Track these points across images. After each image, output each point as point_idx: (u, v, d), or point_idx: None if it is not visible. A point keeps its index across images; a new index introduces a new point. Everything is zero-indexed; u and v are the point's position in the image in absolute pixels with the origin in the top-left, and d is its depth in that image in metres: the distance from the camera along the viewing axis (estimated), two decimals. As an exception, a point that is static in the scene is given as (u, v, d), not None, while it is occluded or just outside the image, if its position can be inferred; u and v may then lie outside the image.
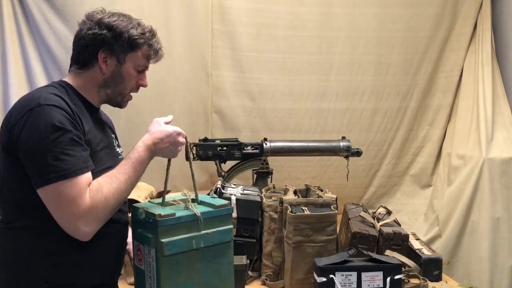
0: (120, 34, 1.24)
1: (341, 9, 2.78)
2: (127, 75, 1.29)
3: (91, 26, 1.25)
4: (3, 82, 2.45)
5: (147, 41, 1.29)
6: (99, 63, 1.25)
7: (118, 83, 1.29)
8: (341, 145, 2.40)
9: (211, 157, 2.28)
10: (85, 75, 1.27)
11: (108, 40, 1.24)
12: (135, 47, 1.27)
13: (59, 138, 1.09)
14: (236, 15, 2.68)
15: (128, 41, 1.25)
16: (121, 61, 1.27)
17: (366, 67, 2.86)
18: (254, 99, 2.78)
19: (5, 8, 2.40)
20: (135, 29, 1.26)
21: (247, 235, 1.91)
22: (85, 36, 1.24)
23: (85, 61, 1.26)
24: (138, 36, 1.26)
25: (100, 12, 1.27)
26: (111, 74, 1.27)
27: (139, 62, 1.30)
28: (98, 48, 1.24)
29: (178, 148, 1.28)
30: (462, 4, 2.86)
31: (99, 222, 1.14)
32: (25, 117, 1.11)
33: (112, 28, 1.24)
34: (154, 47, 1.31)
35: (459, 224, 2.60)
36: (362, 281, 1.64)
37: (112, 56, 1.26)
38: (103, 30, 1.24)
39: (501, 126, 2.65)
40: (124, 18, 1.27)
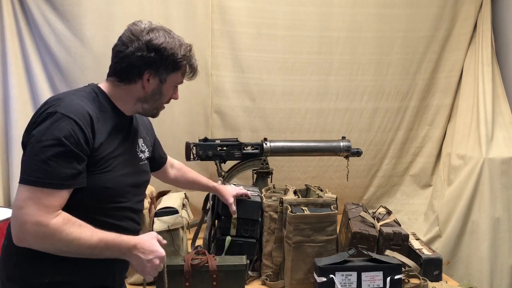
0: (167, 57, 1.27)
1: (341, 9, 2.78)
2: (166, 92, 1.34)
3: (139, 46, 1.25)
4: (3, 82, 2.45)
5: (188, 62, 1.34)
6: (143, 82, 1.28)
7: (157, 100, 1.33)
8: (341, 145, 2.40)
9: (211, 157, 2.28)
10: (125, 88, 1.29)
11: (155, 62, 1.26)
12: (178, 68, 1.31)
13: (55, 149, 1.11)
14: (236, 15, 2.68)
15: (173, 63, 1.29)
16: (163, 81, 1.31)
17: (366, 67, 2.86)
18: (254, 99, 2.78)
19: (5, 8, 2.40)
20: (179, 50, 1.29)
21: (247, 235, 1.91)
22: (132, 56, 1.25)
23: (129, 78, 1.28)
24: (182, 58, 1.30)
25: (147, 31, 1.26)
26: (151, 92, 1.31)
27: (178, 81, 1.36)
28: (144, 69, 1.27)
29: (150, 269, 1.24)
30: (462, 4, 2.86)
31: (38, 244, 1.11)
32: (40, 118, 1.14)
33: (160, 51, 1.26)
34: (194, 66, 1.36)
35: (459, 224, 2.60)
36: (362, 281, 1.64)
37: (156, 76, 1.29)
38: (151, 52, 1.25)
39: (501, 126, 2.65)
40: (170, 39, 1.29)
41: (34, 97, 2.50)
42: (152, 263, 1.23)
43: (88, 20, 2.48)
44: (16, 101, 2.45)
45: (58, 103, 1.16)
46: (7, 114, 2.46)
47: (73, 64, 2.49)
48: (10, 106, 2.45)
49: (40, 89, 2.48)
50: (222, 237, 1.88)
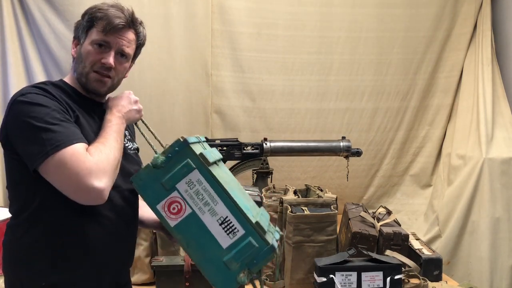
0: (83, 16, 1.25)
1: (341, 9, 2.78)
2: (84, 52, 1.24)
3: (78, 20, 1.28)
4: (3, 82, 2.45)
5: (95, 13, 1.23)
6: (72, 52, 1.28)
7: (79, 63, 1.25)
8: (341, 145, 2.40)
9: (211, 157, 2.28)
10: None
11: (78, 26, 1.26)
12: (91, 24, 1.23)
13: (46, 115, 1.10)
14: (236, 15, 2.68)
15: (87, 19, 1.24)
16: (82, 41, 1.25)
17: (366, 67, 2.86)
18: (254, 99, 2.78)
19: (5, 8, 2.40)
20: (90, 9, 1.25)
21: (247, 235, 1.91)
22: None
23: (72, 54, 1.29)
24: (95, 10, 1.23)
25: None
26: (76, 57, 1.27)
27: (93, 37, 1.23)
28: (74, 38, 1.28)
29: (139, 105, 1.31)
30: (462, 4, 2.86)
31: (109, 176, 1.10)
32: (11, 111, 1.13)
33: (85, 15, 1.25)
34: (110, 18, 1.23)
35: (459, 224, 2.60)
36: (362, 281, 1.64)
37: (78, 40, 1.27)
38: (81, 20, 1.27)
39: (501, 126, 2.65)
40: (104, 5, 1.25)
41: (34, 97, 2.49)
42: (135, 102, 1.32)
43: (88, 20, 2.48)
44: (16, 101, 2.45)
45: (20, 91, 1.16)
46: (7, 114, 2.46)
47: (73, 64, 2.49)
48: (10, 106, 2.45)
49: (40, 89, 2.48)
50: (222, 237, 1.88)
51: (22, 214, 1.18)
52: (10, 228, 1.22)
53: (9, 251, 1.21)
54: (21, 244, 1.18)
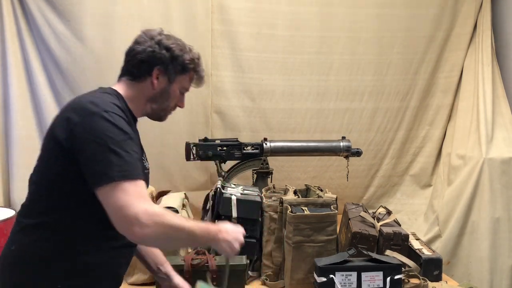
0: (176, 57, 1.34)
1: (341, 9, 2.78)
2: (173, 94, 1.38)
3: (151, 44, 1.33)
4: (3, 82, 2.45)
5: (196, 67, 1.40)
6: (152, 78, 1.33)
7: (164, 100, 1.37)
8: (341, 145, 2.40)
9: (211, 157, 2.28)
10: (137, 87, 1.34)
11: (165, 60, 1.33)
12: (185, 71, 1.37)
13: (124, 141, 1.15)
14: (236, 15, 2.68)
15: (182, 64, 1.35)
16: (171, 81, 1.36)
17: (366, 67, 2.86)
18: (254, 99, 2.78)
19: (5, 8, 2.40)
20: (188, 55, 1.36)
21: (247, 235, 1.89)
22: (144, 52, 1.32)
23: (139, 74, 1.33)
24: (190, 61, 1.37)
25: (159, 34, 1.36)
26: (160, 91, 1.35)
27: (184, 84, 1.40)
28: (154, 65, 1.33)
29: (237, 245, 1.31)
30: (462, 4, 2.86)
31: (156, 231, 1.11)
32: (88, 120, 1.15)
33: (170, 50, 1.34)
34: (200, 74, 1.42)
35: (459, 224, 2.60)
36: (362, 281, 1.64)
37: (165, 74, 1.34)
38: (162, 50, 1.33)
39: (501, 126, 2.65)
40: (180, 43, 1.38)
41: (34, 97, 2.50)
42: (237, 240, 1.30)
43: (88, 20, 2.48)
44: (16, 101, 2.45)
45: (99, 103, 1.18)
46: (7, 114, 2.46)
47: (73, 64, 2.49)
48: (10, 106, 2.45)
49: (40, 89, 2.48)
50: (222, 237, 1.88)
51: (49, 215, 1.19)
52: (27, 228, 1.21)
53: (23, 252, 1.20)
54: (41, 247, 1.18)
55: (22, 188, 2.45)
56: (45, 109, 2.49)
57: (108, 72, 2.53)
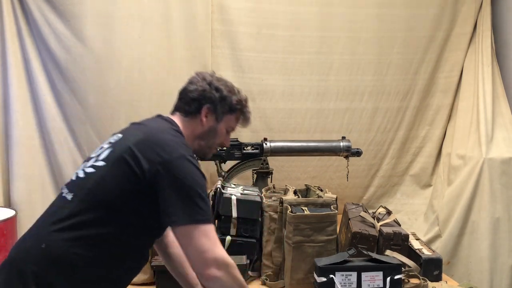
0: (225, 97, 1.44)
1: (341, 9, 2.78)
2: (220, 132, 1.47)
3: (203, 84, 1.43)
4: (3, 82, 2.45)
5: (243, 109, 1.49)
6: (201, 116, 1.42)
7: (211, 138, 1.46)
8: (341, 145, 2.40)
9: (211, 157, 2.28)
10: (189, 124, 1.43)
11: (214, 99, 1.42)
12: (232, 111, 1.46)
13: (204, 185, 1.25)
14: (236, 15, 2.68)
15: (230, 104, 1.44)
16: (219, 120, 1.45)
17: (366, 67, 2.86)
18: (254, 99, 2.78)
19: (5, 8, 2.40)
20: (236, 96, 1.46)
21: (247, 235, 1.91)
22: (196, 91, 1.42)
23: (190, 111, 1.42)
24: (237, 103, 1.46)
25: (211, 76, 1.47)
26: (208, 128, 1.44)
27: (231, 124, 1.49)
28: (203, 103, 1.42)
29: None
30: (462, 4, 2.86)
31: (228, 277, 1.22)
32: (178, 162, 1.23)
33: (220, 90, 1.43)
34: (247, 115, 1.52)
35: (459, 224, 2.60)
36: (362, 281, 1.64)
37: (213, 113, 1.43)
38: (212, 90, 1.42)
39: (501, 126, 2.65)
40: (229, 84, 1.47)
41: (34, 97, 2.49)
42: None
43: (88, 20, 2.48)
44: (16, 101, 2.45)
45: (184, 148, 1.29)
46: (7, 114, 2.46)
47: (73, 64, 2.49)
48: (10, 106, 2.44)
49: (40, 89, 2.48)
50: (222, 237, 1.88)
51: (93, 228, 1.22)
52: (79, 240, 1.21)
53: (75, 266, 1.20)
54: (75, 252, 1.20)
55: (22, 188, 2.46)
56: (45, 109, 2.49)
57: (108, 72, 2.55)
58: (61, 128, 2.53)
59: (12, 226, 2.18)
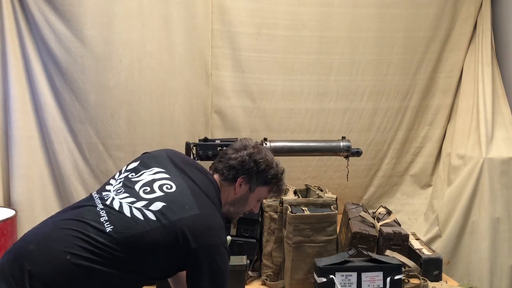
0: (262, 171, 1.48)
1: (341, 9, 2.78)
2: (251, 202, 1.52)
3: (243, 155, 1.48)
4: (3, 82, 2.45)
5: (277, 182, 1.53)
6: (236, 184, 1.47)
7: (241, 205, 1.51)
8: (341, 145, 2.40)
9: (211, 157, 2.27)
10: (225, 189, 1.48)
11: (251, 172, 1.47)
12: (267, 184, 1.51)
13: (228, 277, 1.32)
14: (236, 15, 2.68)
15: (265, 178, 1.49)
16: (252, 190, 1.50)
17: (366, 67, 2.86)
18: (254, 99, 2.78)
19: (5, 8, 2.40)
20: (272, 170, 1.50)
21: (247, 235, 1.91)
22: (236, 160, 1.48)
23: (228, 177, 1.47)
24: (273, 177, 1.50)
25: (254, 147, 1.52)
26: (240, 197, 1.49)
27: (263, 195, 1.54)
28: (240, 173, 1.47)
29: None
30: (462, 4, 2.86)
31: None
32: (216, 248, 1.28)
33: (258, 164, 1.48)
34: (281, 188, 1.56)
35: (459, 224, 2.60)
36: (362, 281, 1.64)
37: (247, 183, 1.48)
38: (251, 162, 1.47)
39: (501, 126, 2.65)
40: (269, 158, 1.51)
41: (34, 97, 2.50)
42: None
43: (88, 20, 2.48)
44: (16, 101, 2.45)
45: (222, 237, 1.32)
46: (7, 114, 2.46)
47: (73, 64, 2.49)
48: (10, 106, 2.45)
49: (40, 89, 2.48)
50: (222, 237, 1.88)
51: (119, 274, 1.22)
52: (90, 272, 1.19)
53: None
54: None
55: (22, 188, 2.46)
56: (45, 109, 2.49)
57: (108, 72, 2.55)
58: (61, 128, 2.53)
59: (12, 226, 2.18)
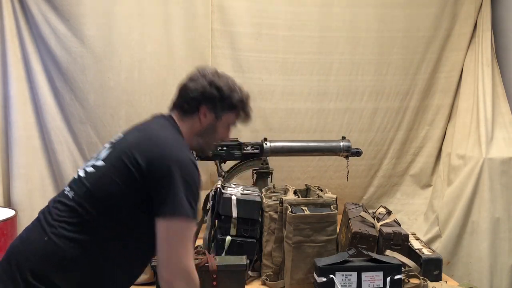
0: (226, 97, 1.41)
1: (341, 9, 2.78)
2: (219, 130, 1.46)
3: (203, 83, 1.40)
4: (3, 82, 2.45)
5: (243, 107, 1.48)
6: (200, 114, 1.40)
7: (210, 135, 1.45)
8: (341, 145, 2.40)
9: (211, 157, 2.28)
10: (187, 122, 1.41)
11: (213, 99, 1.40)
12: (233, 109, 1.45)
13: (197, 190, 1.24)
14: (236, 15, 2.68)
15: (230, 103, 1.43)
16: (218, 118, 1.43)
17: (366, 67, 2.86)
18: (254, 99, 2.73)
19: (5, 8, 2.40)
20: (237, 94, 1.44)
21: (247, 235, 1.91)
22: (195, 90, 1.40)
23: (189, 110, 1.41)
24: (238, 101, 1.44)
25: (212, 74, 1.43)
26: (207, 126, 1.43)
27: (231, 121, 1.48)
28: (203, 102, 1.40)
29: None
30: (462, 4, 2.86)
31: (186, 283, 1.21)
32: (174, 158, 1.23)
33: (220, 90, 1.40)
34: (248, 113, 1.50)
35: (459, 224, 2.60)
36: (362, 281, 1.64)
37: (212, 112, 1.41)
38: (212, 89, 1.40)
39: (501, 126, 2.64)
40: (230, 82, 1.44)
41: (34, 97, 2.50)
42: None
43: (88, 20, 2.48)
44: (16, 101, 2.45)
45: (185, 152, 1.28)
46: (7, 114, 2.46)
47: (73, 64, 2.49)
48: (10, 106, 2.45)
49: (40, 89, 2.48)
50: (222, 237, 1.88)
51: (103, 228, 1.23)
52: (77, 240, 1.21)
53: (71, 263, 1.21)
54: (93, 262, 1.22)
55: (22, 188, 2.46)
56: (45, 109, 2.49)
57: (108, 72, 2.55)
58: (61, 128, 2.54)
59: (12, 226, 2.18)
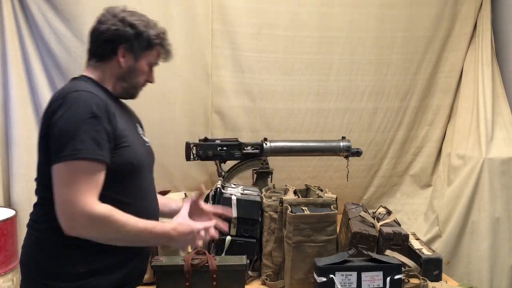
0: (141, 33, 1.33)
1: (341, 9, 2.78)
2: (141, 70, 1.38)
3: (115, 22, 1.31)
4: (3, 82, 2.45)
5: (161, 42, 1.39)
6: (118, 57, 1.33)
7: (133, 77, 1.37)
8: (341, 145, 2.40)
9: (211, 157, 2.28)
10: (104, 68, 1.35)
11: (129, 37, 1.32)
12: (151, 46, 1.36)
13: (91, 123, 1.15)
14: (236, 15, 2.68)
15: (147, 40, 1.34)
16: (137, 57, 1.35)
17: (366, 67, 2.86)
18: (254, 99, 2.78)
19: (5, 8, 2.40)
20: (153, 30, 1.35)
21: (247, 235, 1.91)
22: (108, 31, 1.31)
23: (105, 54, 1.33)
24: (155, 37, 1.36)
25: (122, 11, 1.34)
26: (128, 69, 1.35)
27: (152, 60, 1.39)
28: (118, 44, 1.32)
29: (196, 242, 1.32)
30: (462, 4, 2.86)
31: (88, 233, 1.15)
32: (61, 101, 1.18)
33: (134, 26, 1.32)
34: (167, 48, 1.42)
35: (459, 224, 2.60)
36: (362, 281, 1.64)
37: (131, 52, 1.34)
38: (126, 27, 1.31)
39: (501, 126, 2.65)
40: (144, 19, 1.36)
41: (34, 97, 2.49)
42: (193, 241, 1.30)
43: (88, 20, 2.44)
44: (16, 101, 2.45)
45: (73, 87, 1.22)
46: (7, 114, 2.46)
47: (73, 64, 2.49)
48: (10, 106, 2.44)
49: (40, 89, 2.48)
50: (222, 237, 1.88)
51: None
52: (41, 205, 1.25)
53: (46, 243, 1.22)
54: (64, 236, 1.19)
55: (22, 188, 2.45)
56: (45, 109, 2.49)
57: (108, 72, 2.55)
58: (61, 128, 2.53)
59: (12, 226, 2.18)
